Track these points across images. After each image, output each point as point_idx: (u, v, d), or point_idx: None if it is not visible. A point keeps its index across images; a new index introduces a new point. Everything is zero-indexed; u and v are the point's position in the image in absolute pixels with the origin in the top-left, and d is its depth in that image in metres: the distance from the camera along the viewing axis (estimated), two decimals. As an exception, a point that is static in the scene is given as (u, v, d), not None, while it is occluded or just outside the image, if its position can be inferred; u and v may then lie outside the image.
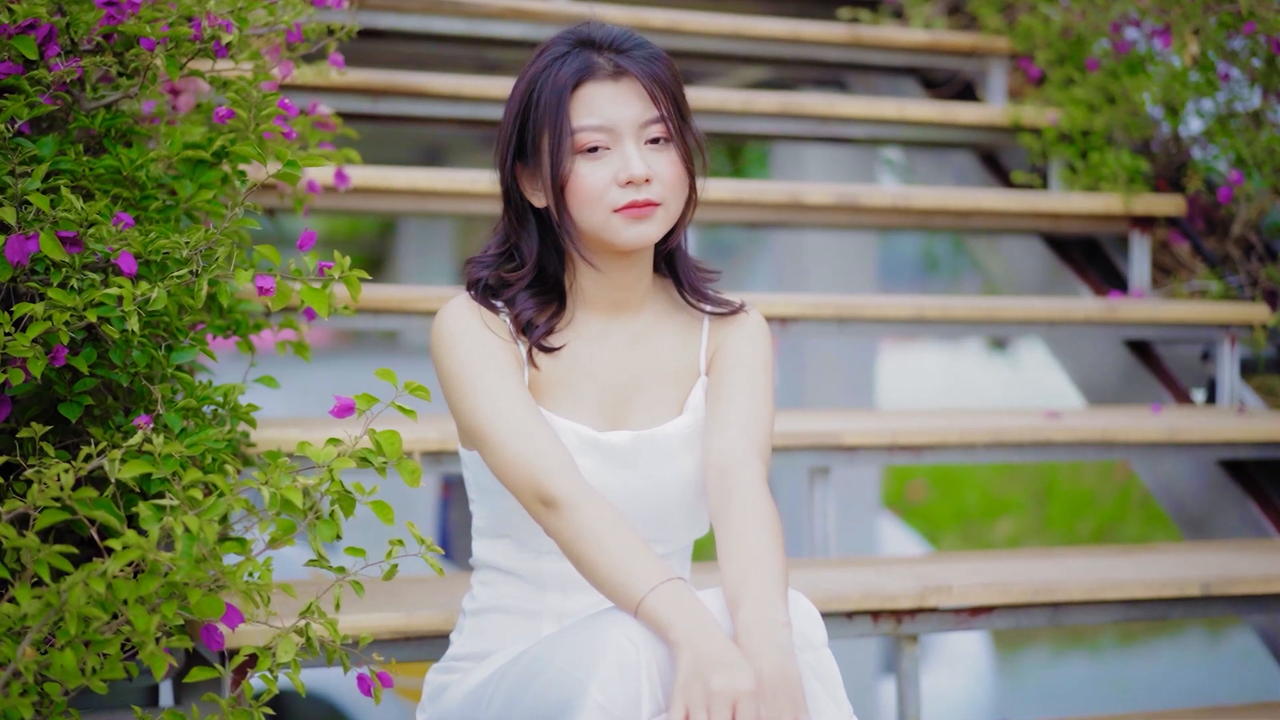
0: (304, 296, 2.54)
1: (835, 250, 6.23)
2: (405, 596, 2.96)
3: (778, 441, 3.46)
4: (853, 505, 6.07)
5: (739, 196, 4.15)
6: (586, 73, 2.45)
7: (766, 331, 2.65)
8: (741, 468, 2.45)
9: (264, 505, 2.23)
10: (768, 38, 4.85)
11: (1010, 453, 3.67)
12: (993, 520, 12.47)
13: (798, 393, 6.22)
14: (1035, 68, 4.81)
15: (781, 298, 3.93)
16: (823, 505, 3.56)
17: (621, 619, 2.25)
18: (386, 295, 3.60)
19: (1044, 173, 4.77)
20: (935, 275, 13.75)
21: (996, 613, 3.20)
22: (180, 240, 2.48)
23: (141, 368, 2.55)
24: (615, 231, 2.47)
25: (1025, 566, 3.41)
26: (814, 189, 4.23)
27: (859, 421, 3.72)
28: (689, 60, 5.35)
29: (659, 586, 2.23)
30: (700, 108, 4.45)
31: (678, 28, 4.72)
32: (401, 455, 2.37)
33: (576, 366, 2.55)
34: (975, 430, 3.63)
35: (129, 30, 2.74)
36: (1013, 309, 4.11)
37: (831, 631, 3.08)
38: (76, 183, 2.69)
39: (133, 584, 2.11)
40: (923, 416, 3.87)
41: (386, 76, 4.17)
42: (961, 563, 3.51)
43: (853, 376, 6.24)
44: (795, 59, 5.06)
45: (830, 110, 4.58)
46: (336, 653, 2.45)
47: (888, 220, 4.36)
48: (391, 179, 3.84)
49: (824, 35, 4.89)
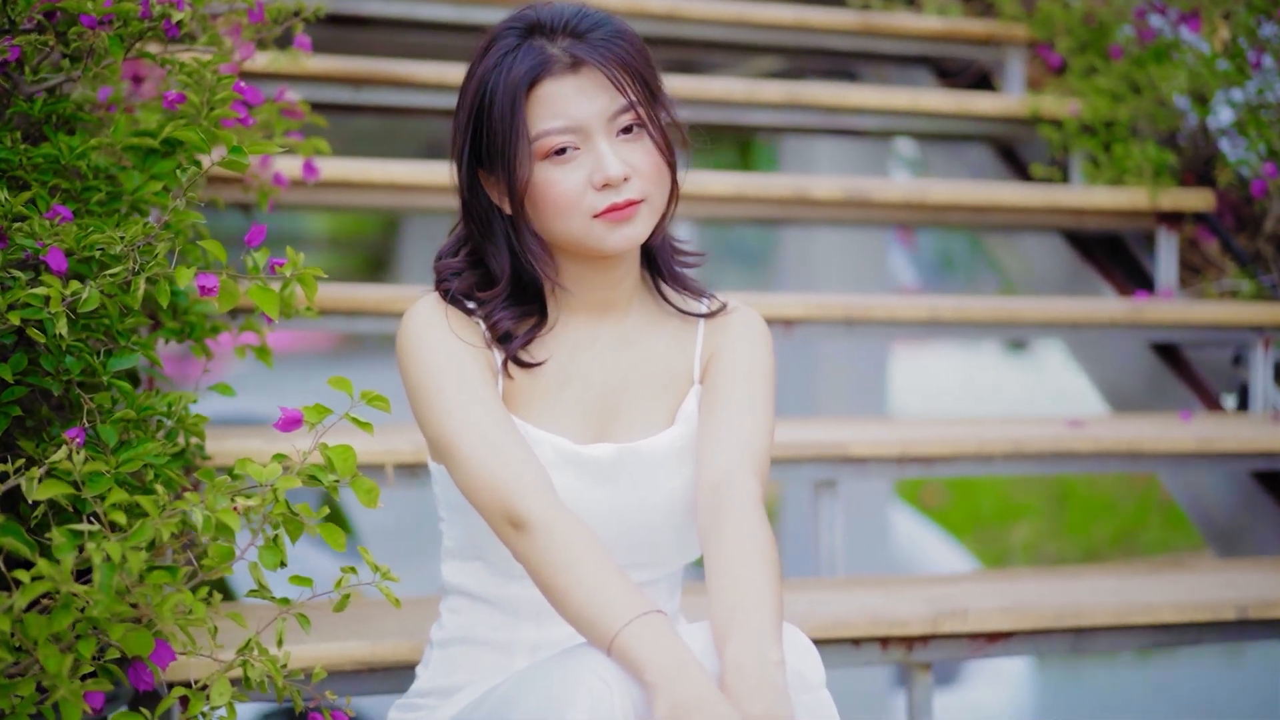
0: (253, 297, 2.30)
1: (846, 248, 6.00)
2: (372, 623, 2.72)
3: (780, 453, 3.23)
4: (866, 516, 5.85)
5: (743, 191, 3.92)
6: (542, 68, 2.20)
7: (767, 335, 2.41)
8: (735, 486, 2.21)
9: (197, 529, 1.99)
10: (774, 25, 4.62)
11: (1030, 464, 3.44)
12: (1009, 525, 12.23)
13: (807, 398, 5.98)
14: (1055, 56, 4.58)
15: (787, 298, 3.69)
16: (829, 521, 3.33)
17: (594, 656, 2.01)
18: (386, 296, 3.36)
19: (1065, 166, 4.53)
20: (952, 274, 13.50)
21: (1015, 639, 2.97)
22: (115, 235, 2.25)
23: (76, 375, 2.32)
24: (599, 239, 2.23)
25: (1045, 588, 3.17)
26: (822, 183, 3.99)
27: (867, 431, 3.48)
28: (692, 50, 5.12)
29: (634, 621, 1.99)
30: (703, 98, 4.23)
31: (678, 14, 4.49)
32: (355, 472, 2.13)
33: (557, 374, 2.32)
34: (993, 441, 3.39)
35: (71, 8, 2.51)
36: (1032, 310, 3.86)
37: (837, 659, 2.86)
38: (12, 172, 2.47)
39: (44, 620, 1.88)
40: (936, 425, 3.64)
41: (368, 64, 3.95)
42: (977, 584, 3.27)
43: (864, 380, 6.00)
44: (804, 48, 4.83)
45: (840, 100, 4.35)
46: (286, 689, 2.22)
47: (899, 216, 4.13)
48: (370, 172, 3.61)
49: (833, 23, 4.66)
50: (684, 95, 4.14)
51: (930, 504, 12.45)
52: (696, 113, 4.23)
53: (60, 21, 2.56)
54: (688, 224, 3.93)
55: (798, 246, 6.08)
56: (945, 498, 12.61)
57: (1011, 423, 3.73)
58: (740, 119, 4.33)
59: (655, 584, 2.36)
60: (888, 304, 3.71)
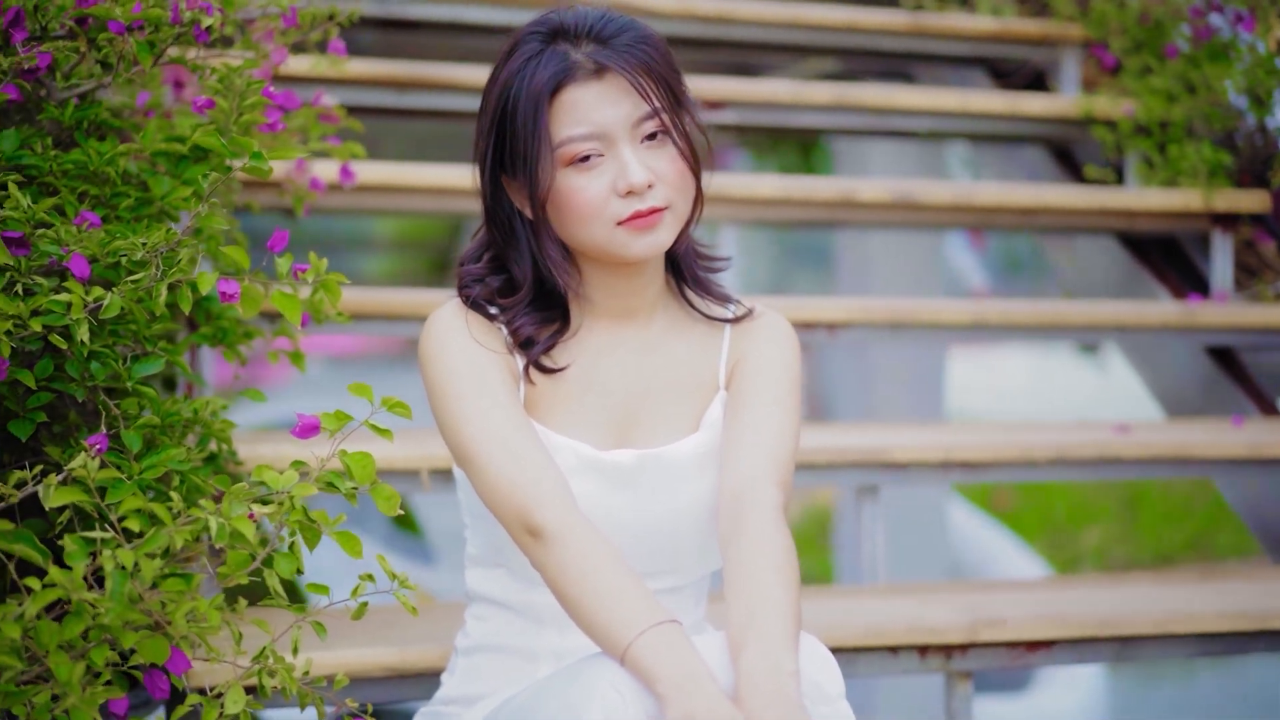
0: (275, 302, 2.29)
1: (902, 250, 5.94)
2: (400, 629, 2.71)
3: (821, 458, 3.20)
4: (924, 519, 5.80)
5: (789, 194, 3.88)
6: (565, 75, 2.18)
7: (793, 341, 2.38)
8: (755, 493, 2.18)
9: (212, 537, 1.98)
10: (824, 26, 4.58)
11: (1075, 470, 3.38)
12: (1080, 529, 12.10)
13: (863, 402, 5.94)
14: (1110, 56, 4.51)
15: (830, 301, 3.66)
16: (870, 527, 3.29)
17: (609, 667, 1.99)
18: (421, 300, 3.34)
19: (1119, 167, 4.46)
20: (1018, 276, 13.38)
21: (1057, 648, 2.92)
22: (137, 241, 2.25)
23: (101, 381, 2.32)
24: (623, 246, 2.21)
25: (1088, 596, 3.12)
26: (868, 185, 3.95)
27: (910, 436, 3.44)
28: (744, 52, 5.09)
29: (647, 632, 1.97)
30: (750, 100, 4.20)
31: (728, 16, 4.45)
32: (374, 479, 2.12)
33: (580, 379, 2.30)
34: (1037, 446, 3.34)
35: (100, 13, 2.51)
36: (1080, 313, 3.81)
37: (874, 667, 2.83)
38: (42, 178, 2.47)
39: (55, 627, 1.88)
40: (980, 430, 3.60)
41: (411, 67, 3.94)
42: (1018, 592, 3.23)
43: (920, 384, 5.94)
44: (855, 49, 4.78)
45: (888, 102, 4.30)
46: (309, 697, 2.21)
47: (947, 218, 4.08)
48: (410, 175, 3.60)
49: (884, 23, 4.61)
50: (731, 97, 4.13)
51: (1000, 508, 12.34)
52: (744, 115, 4.21)
53: (92, 28, 2.57)
54: (733, 226, 3.89)
55: (853, 249, 6.03)
56: (1016, 501, 12.50)
57: (1058, 428, 3.67)
58: (788, 121, 4.29)
59: (680, 591, 2.33)
60: (933, 307, 3.67)
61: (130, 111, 2.95)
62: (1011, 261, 12.99)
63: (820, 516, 9.92)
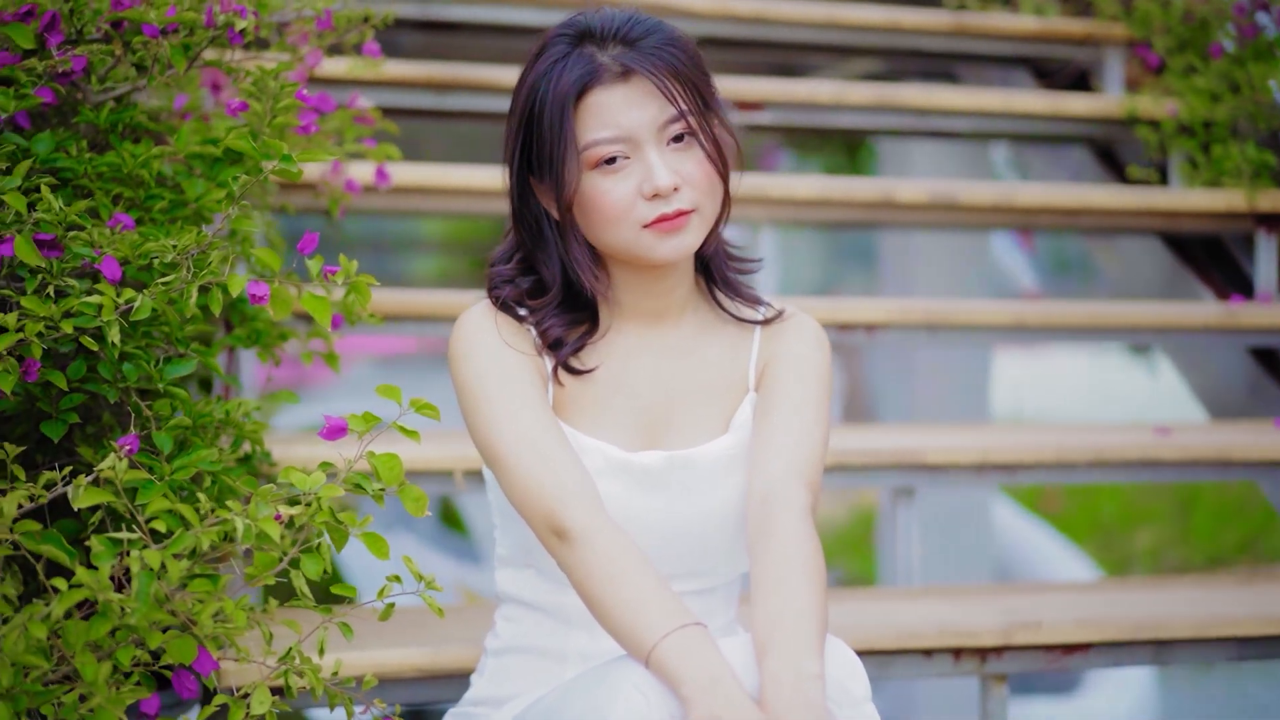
0: (305, 304, 2.30)
1: (947, 250, 5.92)
2: (433, 629, 2.72)
3: (856, 460, 3.19)
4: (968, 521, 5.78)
5: (826, 195, 3.87)
6: (591, 78, 2.17)
7: (823, 342, 2.37)
8: (783, 496, 2.17)
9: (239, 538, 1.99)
10: (864, 26, 4.56)
11: (1114, 472, 3.36)
12: (1131, 531, 12.02)
13: (905, 403, 5.92)
14: (1154, 55, 4.48)
15: (867, 302, 3.65)
16: (906, 529, 3.28)
17: (633, 668, 1.99)
18: (455, 301, 3.35)
19: (1163, 168, 4.43)
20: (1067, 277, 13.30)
21: (1093, 651, 2.90)
22: (167, 244, 2.26)
23: (133, 382, 2.33)
24: (648, 249, 2.21)
25: (1126, 599, 3.10)
26: (907, 186, 3.94)
27: (946, 437, 3.42)
28: (784, 52, 5.08)
29: (671, 634, 1.97)
30: (790, 101, 4.19)
31: (765, 16, 4.45)
32: (402, 480, 2.12)
33: (609, 381, 2.30)
34: (1074, 448, 3.32)
35: (135, 17, 2.53)
36: (1121, 314, 3.78)
37: (908, 670, 2.82)
38: (76, 181, 2.49)
39: (82, 627, 1.89)
40: (1017, 431, 3.58)
41: (450, 69, 3.94)
42: (1055, 595, 3.21)
43: (964, 385, 5.91)
44: (898, 49, 4.77)
45: (929, 102, 4.29)
46: (338, 698, 2.22)
47: (987, 219, 4.06)
48: (448, 177, 3.60)
49: (925, 23, 4.59)
50: (769, 98, 4.12)
51: (1050, 509, 12.27)
52: (783, 116, 4.20)
53: (127, 31, 2.58)
54: (770, 227, 3.88)
55: (896, 249, 6.01)
56: (1065, 503, 12.43)
57: (1096, 430, 3.65)
58: (828, 121, 4.28)
59: (711, 593, 2.33)
60: (971, 308, 3.65)
61: (168, 114, 2.97)
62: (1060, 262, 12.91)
63: (866, 517, 9.90)
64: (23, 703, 1.86)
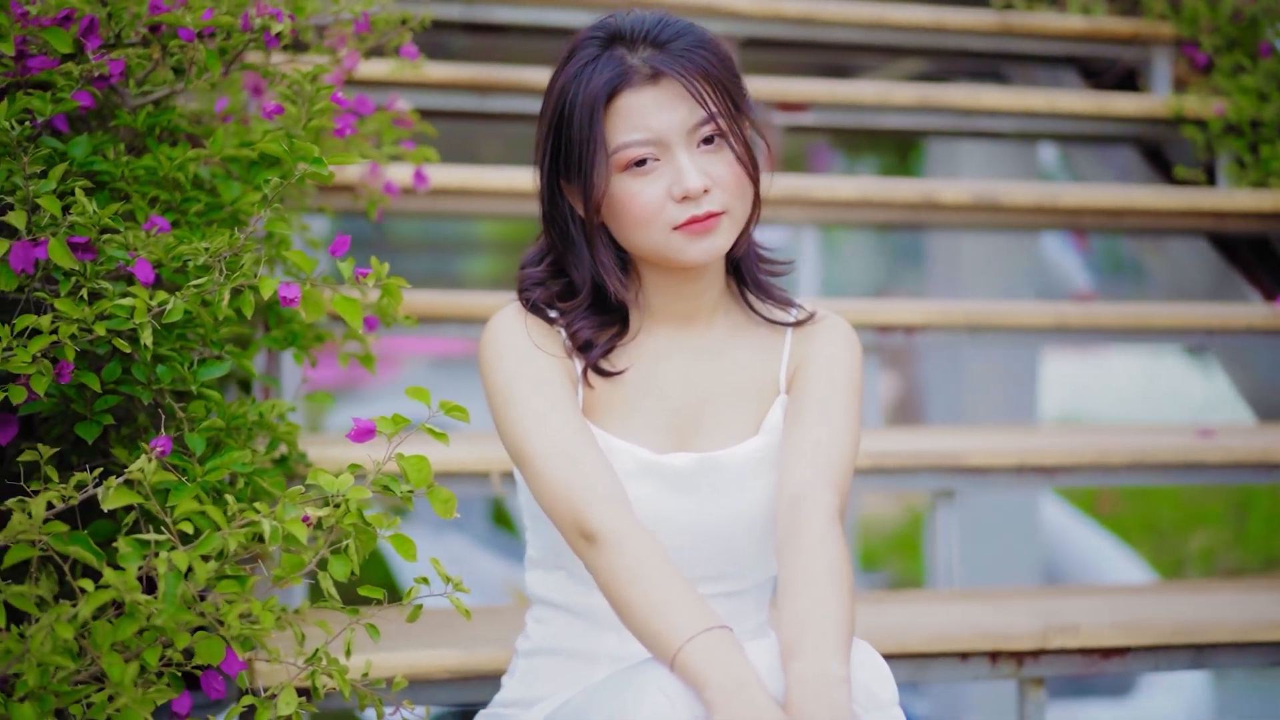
0: (336, 306, 2.31)
1: (996, 251, 5.88)
2: (465, 629, 2.72)
3: (895, 462, 3.18)
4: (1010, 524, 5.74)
5: (867, 196, 3.86)
6: (621, 80, 2.17)
7: (854, 345, 2.36)
8: (811, 499, 2.16)
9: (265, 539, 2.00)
10: (911, 27, 4.55)
11: (1155, 475, 3.34)
12: (1186, 533, 11.92)
13: (953, 405, 5.89)
14: (1201, 55, 4.45)
15: (906, 304, 3.63)
16: (946, 531, 3.27)
17: (659, 671, 1.99)
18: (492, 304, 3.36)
19: (1211, 168, 4.40)
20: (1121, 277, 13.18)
21: (1132, 655, 2.88)
22: (199, 246, 2.27)
23: (166, 384, 2.35)
24: (678, 250, 2.20)
25: (1166, 603, 3.08)
26: (949, 187, 3.92)
27: (986, 440, 3.41)
28: (832, 53, 5.07)
29: (696, 637, 1.96)
30: (831, 102, 4.18)
31: (813, 17, 4.44)
32: (430, 482, 2.13)
33: (639, 383, 2.29)
34: (1115, 450, 3.30)
35: (171, 20, 2.54)
36: (1164, 316, 3.76)
37: (944, 673, 2.81)
38: (113, 184, 2.51)
39: (109, 628, 1.90)
40: (1057, 434, 3.56)
41: (493, 71, 3.95)
42: (1095, 598, 3.18)
43: (1011, 387, 5.88)
44: (945, 49, 4.75)
45: (974, 103, 4.27)
46: (368, 699, 2.22)
47: (1031, 220, 4.04)
48: (486, 179, 3.61)
49: (971, 23, 4.58)
50: (814, 99, 4.11)
51: (1105, 511, 12.19)
52: (826, 116, 4.19)
53: (164, 35, 2.60)
54: (813, 228, 3.88)
55: (944, 251, 5.98)
56: (1121, 505, 12.34)
57: (1137, 432, 3.62)
58: (872, 122, 4.27)
59: (742, 595, 2.32)
60: (1012, 310, 3.63)
61: (209, 117, 2.99)
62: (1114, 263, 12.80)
63: (919, 517, 9.86)
64: (49, 703, 1.88)
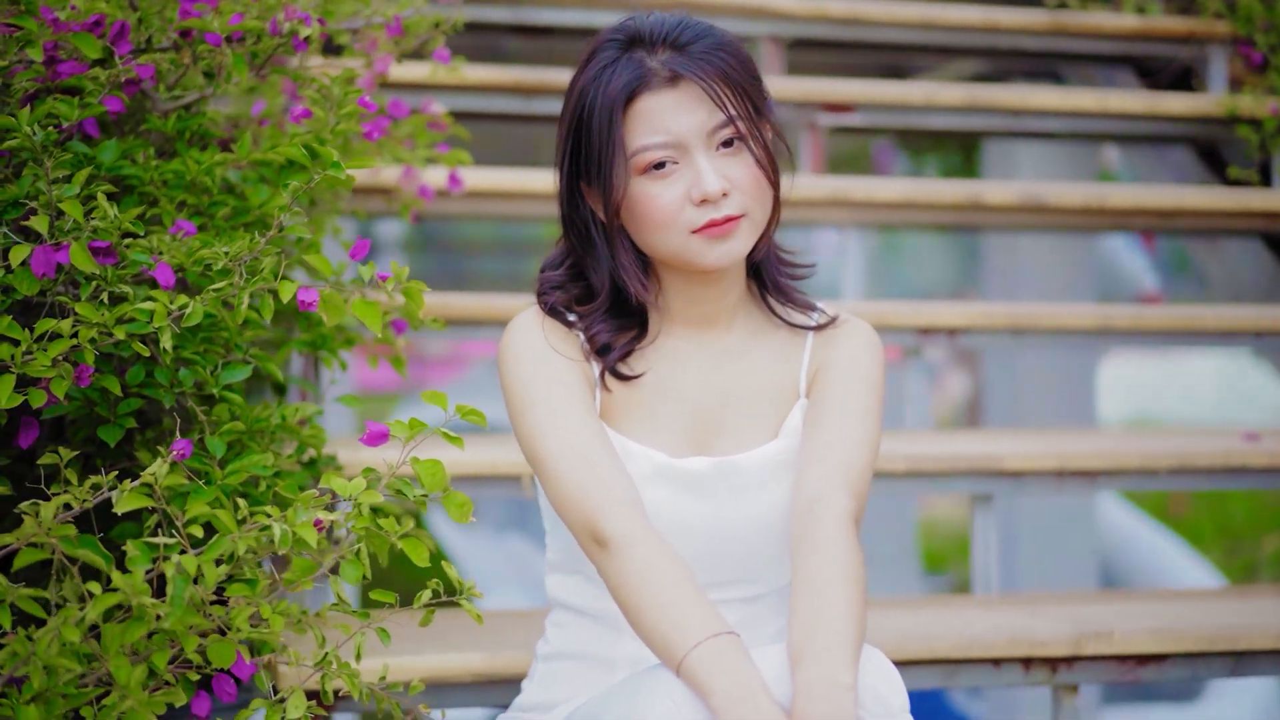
0: (355, 311, 2.32)
1: (1056, 252, 5.83)
2: (490, 633, 2.72)
3: (932, 465, 3.16)
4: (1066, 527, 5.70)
5: (910, 198, 3.84)
6: (639, 83, 2.16)
7: (876, 349, 2.34)
8: (826, 503, 2.15)
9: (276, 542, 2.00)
10: (961, 26, 4.52)
11: (1198, 479, 3.30)
12: (1260, 537, 11.78)
13: (1011, 409, 5.84)
14: (1257, 53, 4.39)
15: (947, 306, 3.60)
16: (984, 536, 3.24)
17: (666, 677, 1.98)
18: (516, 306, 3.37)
19: (1266, 167, 4.34)
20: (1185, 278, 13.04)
21: (1169, 662, 2.85)
22: (219, 250, 2.28)
23: (189, 388, 2.36)
24: (697, 254, 2.19)
25: (1204, 609, 3.04)
26: (995, 188, 3.89)
27: (1025, 443, 3.37)
28: (884, 53, 5.05)
29: (703, 644, 1.95)
30: (878, 103, 4.16)
31: (859, 17, 4.41)
32: (446, 487, 2.13)
33: (657, 387, 2.28)
34: (1158, 454, 3.26)
35: (200, 26, 2.56)
36: (1212, 318, 3.71)
37: (977, 679, 2.79)
38: (142, 188, 2.52)
39: (118, 630, 1.91)
40: (1100, 437, 3.52)
41: (537, 73, 3.96)
42: (1130, 603, 3.14)
43: (1070, 390, 5.82)
44: (997, 49, 4.72)
45: (1022, 103, 4.23)
46: (385, 702, 2.23)
47: (1079, 221, 4.00)
48: (527, 182, 3.61)
49: (1023, 23, 4.54)
50: (860, 100, 4.09)
51: (1175, 513, 12.06)
52: (874, 117, 4.17)
53: (195, 40, 2.61)
54: (857, 230, 3.85)
55: (1000, 252, 5.93)
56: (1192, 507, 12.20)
57: (1181, 434, 3.58)
58: (919, 123, 4.24)
59: (759, 600, 2.31)
60: (1055, 312, 3.59)
61: (246, 120, 3.00)
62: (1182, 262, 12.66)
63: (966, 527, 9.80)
64: (58, 705, 1.89)
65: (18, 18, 2.46)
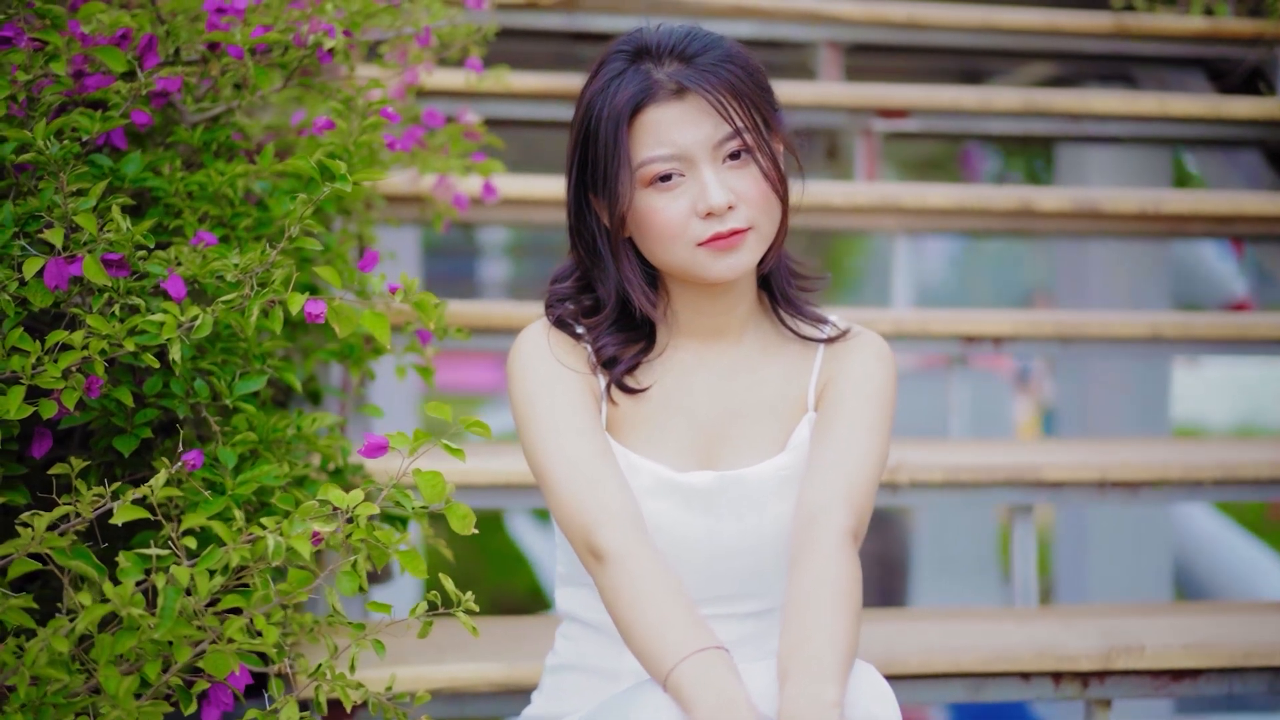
0: (365, 322, 2.33)
1: (1132, 259, 5.75)
2: (509, 643, 2.72)
3: (968, 476, 3.12)
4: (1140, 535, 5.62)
5: (962, 204, 3.80)
6: (646, 95, 2.15)
7: (888, 361, 2.31)
8: (826, 518, 2.12)
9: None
10: (1023, 30, 4.47)
11: (1245, 491, 3.23)
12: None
13: (1081, 416, 5.77)
14: (1325, 55, 4.32)
15: (992, 314, 3.55)
16: (1022, 547, 3.20)
17: (655, 692, 1.97)
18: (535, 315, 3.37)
19: (1334, 172, 4.27)
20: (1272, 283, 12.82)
21: (1203, 677, 2.80)
22: (229, 263, 2.29)
23: (204, 398, 2.38)
24: (703, 267, 2.18)
25: (1240, 622, 2.99)
26: (1047, 195, 3.85)
27: (1066, 454, 3.33)
28: (950, 58, 5.00)
29: (689, 658, 1.94)
30: (932, 108, 4.12)
31: (918, 21, 4.38)
32: (445, 497, 2.13)
33: (664, 399, 2.27)
34: (1202, 465, 3.20)
35: (225, 39, 2.58)
36: (1263, 326, 3.64)
37: (1005, 693, 2.75)
38: (166, 200, 2.55)
39: (109, 641, 1.93)
40: (1144, 447, 3.46)
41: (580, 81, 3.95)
42: (1168, 616, 3.09)
43: (1142, 398, 5.74)
44: (1062, 52, 4.67)
45: (1081, 107, 4.18)
46: (391, 712, 2.23)
47: (1135, 227, 3.94)
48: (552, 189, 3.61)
49: (1086, 25, 4.48)
50: (914, 105, 4.06)
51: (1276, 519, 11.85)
52: (930, 122, 4.14)
53: (221, 52, 2.64)
54: (905, 236, 3.82)
55: (1071, 259, 5.86)
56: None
57: (1226, 445, 3.52)
58: (975, 128, 4.20)
59: (766, 614, 2.29)
60: (1103, 320, 3.54)
61: (285, 130, 3.02)
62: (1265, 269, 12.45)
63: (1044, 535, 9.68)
64: (48, 715, 1.91)
65: (44, 32, 2.49)
